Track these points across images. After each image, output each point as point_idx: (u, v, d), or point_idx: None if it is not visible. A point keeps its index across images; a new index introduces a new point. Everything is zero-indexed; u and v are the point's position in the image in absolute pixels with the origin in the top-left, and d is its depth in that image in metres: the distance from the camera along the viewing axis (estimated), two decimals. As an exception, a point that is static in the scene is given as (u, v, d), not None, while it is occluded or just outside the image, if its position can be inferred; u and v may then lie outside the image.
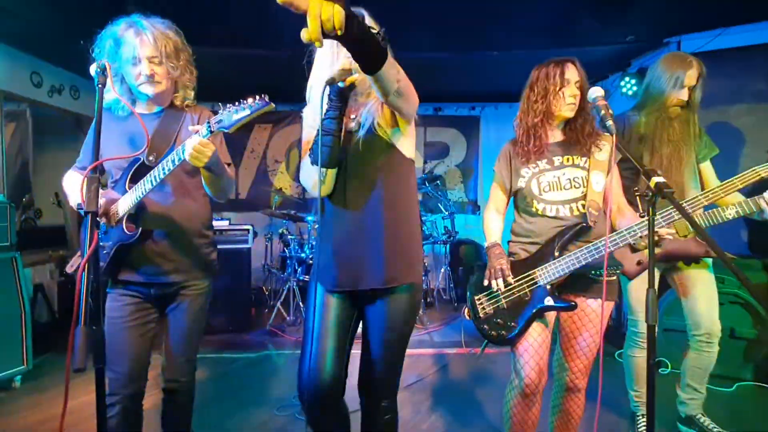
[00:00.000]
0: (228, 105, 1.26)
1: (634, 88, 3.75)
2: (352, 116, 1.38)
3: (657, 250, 1.80)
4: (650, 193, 1.13)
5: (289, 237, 4.13)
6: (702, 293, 1.99)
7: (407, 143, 1.43)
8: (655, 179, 1.12)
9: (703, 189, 1.95)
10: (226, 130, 1.26)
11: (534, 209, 1.65)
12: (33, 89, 3.68)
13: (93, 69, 1.18)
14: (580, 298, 1.61)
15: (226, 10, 3.03)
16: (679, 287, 2.07)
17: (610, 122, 1.33)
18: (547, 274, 1.56)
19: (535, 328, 1.60)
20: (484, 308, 1.66)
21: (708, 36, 3.33)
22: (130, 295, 1.50)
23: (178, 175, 1.50)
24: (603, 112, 1.36)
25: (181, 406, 1.64)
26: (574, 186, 1.61)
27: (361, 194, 1.36)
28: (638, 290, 2.03)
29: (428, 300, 4.58)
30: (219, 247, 3.77)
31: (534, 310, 1.56)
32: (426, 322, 4.00)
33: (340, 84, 1.24)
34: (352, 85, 1.26)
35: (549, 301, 1.54)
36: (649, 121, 1.93)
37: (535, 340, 1.59)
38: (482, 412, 2.45)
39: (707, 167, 2.02)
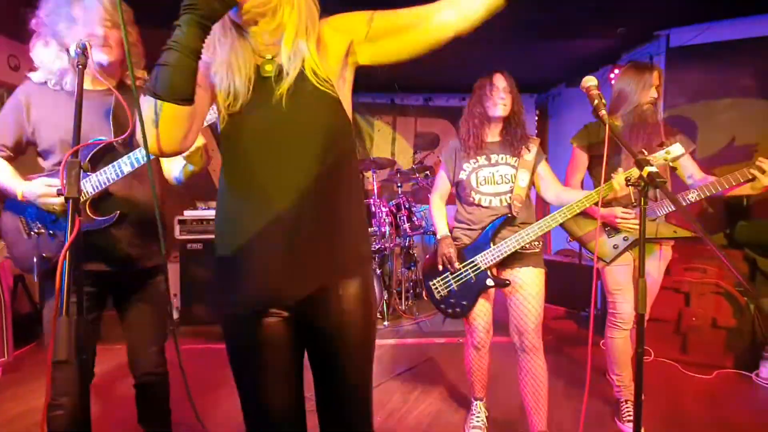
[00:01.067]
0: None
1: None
2: (268, 56, 0.95)
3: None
4: (642, 183, 1.13)
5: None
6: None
7: (347, 97, 1.02)
8: (648, 168, 1.12)
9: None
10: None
11: (472, 199, 2.01)
12: (10, 73, 3.55)
13: (72, 49, 1.13)
14: (515, 269, 1.96)
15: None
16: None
17: (603, 112, 1.33)
18: (486, 259, 1.93)
19: (480, 299, 2.00)
20: (439, 291, 2.05)
21: (696, 30, 3.36)
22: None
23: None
24: (596, 101, 1.36)
25: (160, 399, 1.61)
26: (505, 181, 1.96)
27: (288, 173, 0.93)
28: (613, 272, 2.17)
29: (417, 290, 4.59)
30: (209, 236, 3.70)
31: (479, 290, 1.97)
32: (415, 312, 4.01)
33: None
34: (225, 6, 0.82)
35: (490, 281, 1.95)
36: (627, 120, 2.09)
37: (481, 308, 2.02)
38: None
39: (686, 161, 2.11)
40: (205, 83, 0.93)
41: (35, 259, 1.40)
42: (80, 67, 1.04)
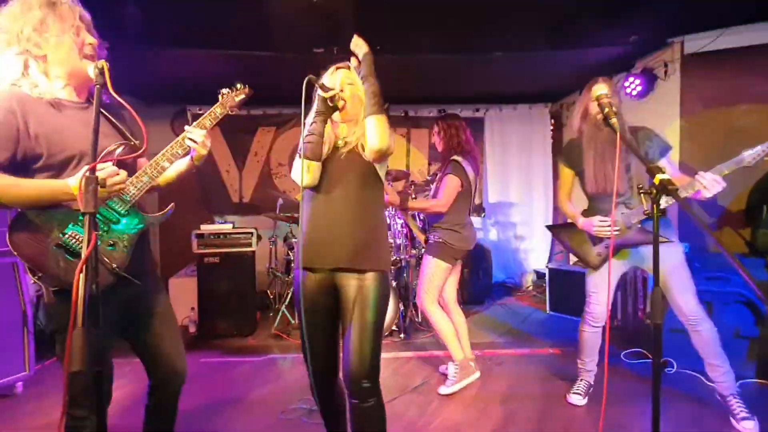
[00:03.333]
0: (225, 90, 1.58)
1: (639, 88, 3.73)
2: (343, 138, 1.69)
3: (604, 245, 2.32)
4: (654, 191, 1.11)
5: (293, 240, 4.12)
6: (675, 283, 2.23)
7: (382, 167, 1.72)
8: (660, 176, 1.10)
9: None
10: (233, 109, 1.56)
11: None
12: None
13: (91, 69, 1.17)
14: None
15: (230, 13, 3.04)
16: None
17: (613, 120, 1.32)
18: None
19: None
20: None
21: (710, 36, 3.32)
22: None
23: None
24: (606, 110, 1.35)
25: (169, 410, 1.60)
26: None
27: (340, 193, 1.63)
28: (591, 275, 2.41)
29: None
30: (223, 250, 3.75)
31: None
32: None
33: (323, 93, 1.60)
34: (336, 106, 1.63)
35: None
36: (586, 133, 2.29)
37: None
38: (489, 414, 2.43)
39: (665, 164, 2.19)
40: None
41: (109, 269, 1.31)
42: (98, 86, 1.08)
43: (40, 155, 1.26)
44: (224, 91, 1.61)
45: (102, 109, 1.27)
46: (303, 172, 1.58)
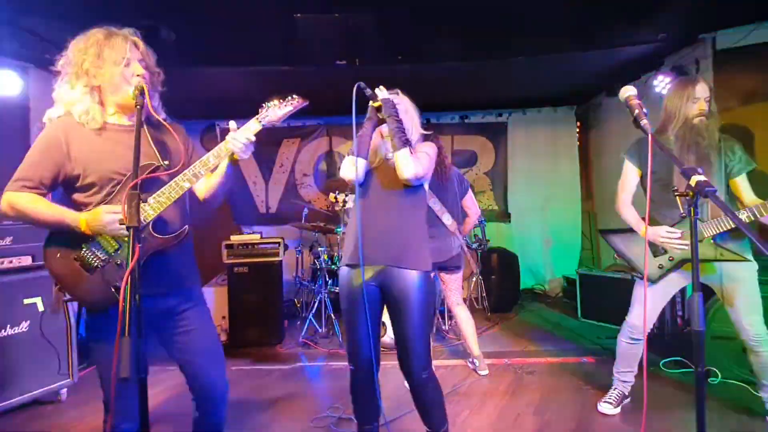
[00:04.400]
0: (272, 102, 1.52)
1: (669, 87, 3.61)
2: (393, 152, 1.84)
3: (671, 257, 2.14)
4: (691, 192, 1.08)
5: (320, 249, 4.18)
6: (744, 302, 2.10)
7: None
8: (696, 177, 1.07)
9: (737, 204, 2.13)
10: (273, 123, 1.52)
11: None
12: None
13: (131, 91, 1.24)
14: None
15: (251, 29, 3.14)
16: (723, 295, 2.17)
17: (644, 121, 1.29)
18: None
19: None
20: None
21: (743, 31, 3.19)
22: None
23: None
24: (636, 111, 1.32)
25: (214, 423, 1.62)
26: None
27: (386, 199, 1.84)
28: (638, 286, 2.28)
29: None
30: (252, 260, 3.85)
31: None
32: (459, 332, 3.92)
33: (379, 94, 1.86)
34: (388, 98, 1.86)
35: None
36: (678, 134, 2.10)
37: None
38: (523, 425, 2.38)
39: (742, 181, 2.09)
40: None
41: (112, 290, 1.37)
42: (139, 107, 1.13)
43: (78, 176, 1.39)
44: (271, 103, 1.57)
45: (148, 129, 1.41)
46: (351, 171, 1.84)
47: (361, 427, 1.99)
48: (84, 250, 1.39)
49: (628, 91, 1.37)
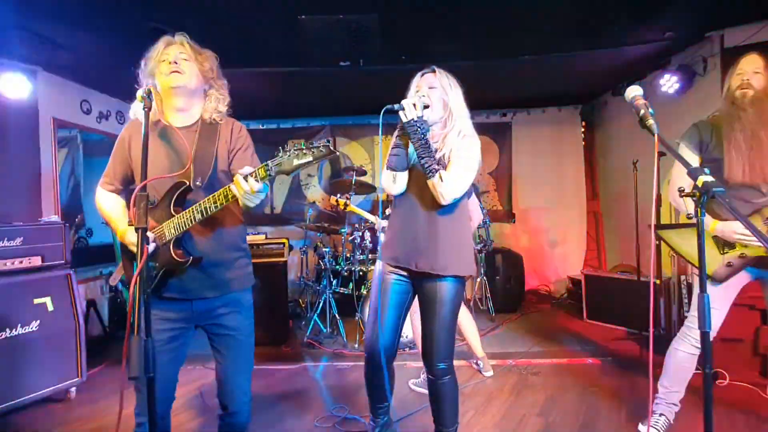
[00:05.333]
0: (288, 148, 1.26)
1: (676, 86, 3.59)
2: (436, 144, 1.80)
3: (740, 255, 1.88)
4: (697, 193, 1.07)
5: (324, 250, 4.19)
6: None
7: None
8: (703, 178, 1.06)
9: None
10: (285, 175, 1.28)
11: None
12: (83, 116, 3.95)
13: (139, 93, 1.25)
14: None
15: (256, 30, 3.15)
16: None
17: (651, 122, 1.28)
18: None
19: None
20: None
21: (753, 28, 3.16)
22: (163, 317, 1.47)
23: None
24: (642, 111, 1.32)
25: (237, 424, 1.65)
26: None
27: (428, 203, 1.78)
28: (709, 287, 1.90)
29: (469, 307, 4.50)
30: (256, 261, 3.91)
31: None
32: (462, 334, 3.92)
33: (402, 117, 1.72)
34: (414, 120, 1.71)
35: None
36: (721, 112, 1.95)
37: None
38: (528, 426, 2.37)
39: None
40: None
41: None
42: (146, 110, 1.14)
43: (133, 176, 1.55)
44: (289, 150, 1.29)
45: (200, 130, 1.50)
46: (391, 186, 1.84)
47: (374, 419, 2.04)
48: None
49: (634, 91, 1.36)
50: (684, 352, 2.01)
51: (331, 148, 1.26)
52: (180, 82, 1.45)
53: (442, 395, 1.87)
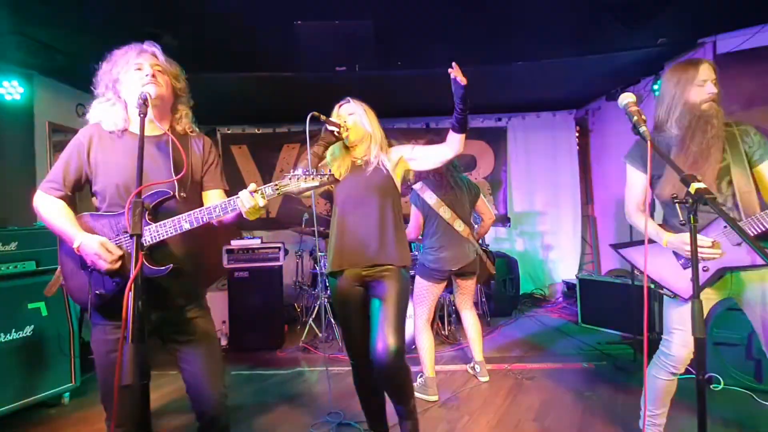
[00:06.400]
0: (297, 172, 1.42)
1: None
2: (361, 158, 2.04)
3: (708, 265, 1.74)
4: (690, 200, 1.09)
5: (319, 254, 4.18)
6: None
7: (399, 179, 2.08)
8: (695, 185, 1.08)
9: (760, 193, 1.77)
10: (292, 194, 1.44)
11: None
12: (78, 120, 3.94)
13: (135, 100, 1.25)
14: None
15: (252, 35, 3.16)
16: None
17: (643, 128, 1.30)
18: None
19: None
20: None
21: (745, 33, 3.21)
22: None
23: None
24: (636, 118, 1.33)
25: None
26: None
27: (364, 207, 1.94)
28: (680, 308, 1.81)
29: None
30: (252, 265, 3.88)
31: None
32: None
33: (329, 127, 1.93)
34: (340, 137, 1.96)
35: None
36: (681, 123, 1.77)
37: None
38: (520, 429, 2.37)
39: (765, 167, 1.75)
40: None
41: (90, 295, 1.42)
42: (142, 116, 1.14)
43: (89, 182, 1.49)
44: (297, 173, 1.46)
45: (171, 140, 1.46)
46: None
47: (370, 423, 2.10)
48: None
49: (627, 98, 1.38)
50: (663, 380, 1.92)
51: (334, 176, 1.44)
52: (159, 92, 1.46)
53: (395, 384, 1.89)
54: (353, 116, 2.03)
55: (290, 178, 1.41)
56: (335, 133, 1.94)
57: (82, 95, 3.93)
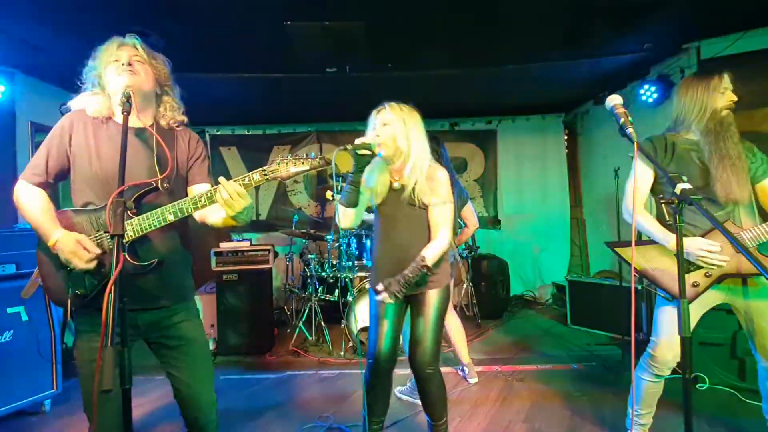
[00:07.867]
0: (288, 156, 1.36)
1: (655, 95, 3.69)
2: (396, 178, 1.91)
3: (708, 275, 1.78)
4: (676, 201, 1.10)
5: (310, 256, 4.15)
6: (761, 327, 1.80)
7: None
8: (681, 186, 1.09)
9: (762, 210, 1.84)
10: (281, 179, 1.38)
11: None
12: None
13: (119, 98, 1.23)
14: None
15: (242, 36, 3.13)
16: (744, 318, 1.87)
17: (630, 130, 1.31)
18: None
19: None
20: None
21: (728, 39, 3.27)
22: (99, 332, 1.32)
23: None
24: (623, 120, 1.34)
25: None
26: None
27: (402, 229, 1.91)
28: (669, 312, 1.85)
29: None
30: (241, 267, 3.84)
31: None
32: (445, 341, 3.91)
33: (357, 152, 1.71)
34: (370, 157, 1.74)
35: None
36: (706, 128, 1.81)
37: None
38: (511, 431, 2.38)
39: (766, 184, 1.82)
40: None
41: (68, 295, 1.36)
42: (125, 114, 1.12)
43: (69, 171, 1.43)
44: (287, 159, 1.41)
45: (156, 135, 1.42)
46: (343, 220, 1.92)
47: (370, 424, 2.04)
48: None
49: (614, 100, 1.39)
50: (649, 381, 1.95)
51: (327, 159, 1.34)
52: (135, 82, 1.40)
53: (430, 394, 2.00)
54: (387, 128, 1.83)
55: (279, 163, 1.34)
56: (367, 150, 1.71)
57: (65, 94, 3.86)
